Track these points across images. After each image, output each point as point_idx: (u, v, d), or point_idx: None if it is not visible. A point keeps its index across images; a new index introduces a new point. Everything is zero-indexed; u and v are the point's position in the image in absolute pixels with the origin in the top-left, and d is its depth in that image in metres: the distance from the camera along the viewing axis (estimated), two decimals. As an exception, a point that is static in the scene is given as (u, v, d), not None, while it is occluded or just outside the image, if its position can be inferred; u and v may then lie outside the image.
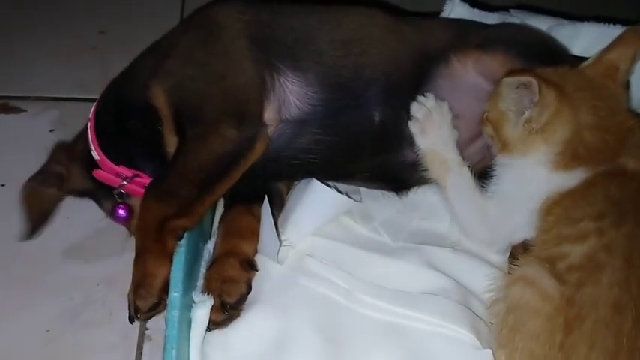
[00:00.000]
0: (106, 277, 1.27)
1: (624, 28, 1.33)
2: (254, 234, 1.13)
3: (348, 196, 1.16)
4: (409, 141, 1.14)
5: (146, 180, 1.17)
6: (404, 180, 1.21)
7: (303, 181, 1.19)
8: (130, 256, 1.10)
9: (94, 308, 1.23)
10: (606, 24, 1.39)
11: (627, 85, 1.13)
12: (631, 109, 1.11)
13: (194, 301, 1.03)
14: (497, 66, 1.13)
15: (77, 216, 1.32)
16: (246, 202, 1.18)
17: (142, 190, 1.14)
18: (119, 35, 1.78)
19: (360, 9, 1.22)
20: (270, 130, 1.11)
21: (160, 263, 1.03)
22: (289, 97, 1.12)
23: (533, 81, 0.98)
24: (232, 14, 1.18)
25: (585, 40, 1.37)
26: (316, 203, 1.14)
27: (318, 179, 1.16)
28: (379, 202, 1.24)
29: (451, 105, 1.15)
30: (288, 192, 1.23)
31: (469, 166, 1.11)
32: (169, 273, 1.02)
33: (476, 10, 1.43)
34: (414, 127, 1.13)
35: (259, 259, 1.12)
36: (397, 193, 1.23)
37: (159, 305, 1.03)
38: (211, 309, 1.02)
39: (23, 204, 1.21)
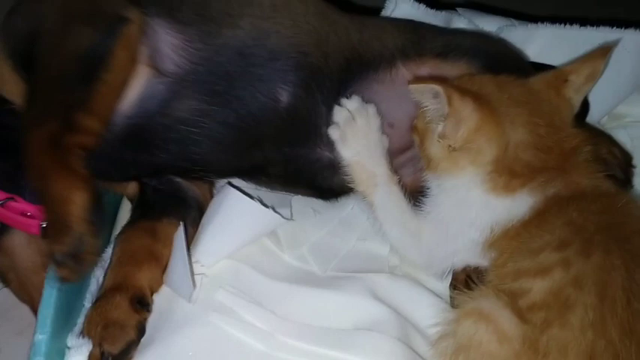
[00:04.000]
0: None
1: (582, 29, 1.26)
2: (154, 259, 0.96)
3: (274, 210, 0.99)
4: (326, 139, 1.00)
5: (23, 205, 0.99)
6: (322, 182, 1.06)
7: (221, 189, 1.02)
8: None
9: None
10: (562, 25, 1.27)
11: (585, 104, 1.03)
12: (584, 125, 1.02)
13: (67, 346, 0.85)
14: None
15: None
16: (151, 215, 1.00)
17: (19, 218, 0.97)
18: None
19: None
20: (141, 79, 0.95)
21: (72, 185, 0.84)
22: (161, 47, 0.95)
23: (440, 90, 0.86)
24: None
25: (539, 43, 1.26)
26: (235, 218, 0.97)
27: (218, 174, 1.00)
28: (309, 220, 1.08)
29: (387, 112, 1.01)
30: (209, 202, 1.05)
31: (400, 181, 0.97)
32: (90, 198, 0.84)
33: (422, 7, 1.29)
34: (334, 134, 0.98)
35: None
36: (325, 199, 1.08)
37: (85, 242, 0.83)
38: (89, 357, 0.85)
39: None
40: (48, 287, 0.86)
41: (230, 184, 1.02)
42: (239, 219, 0.97)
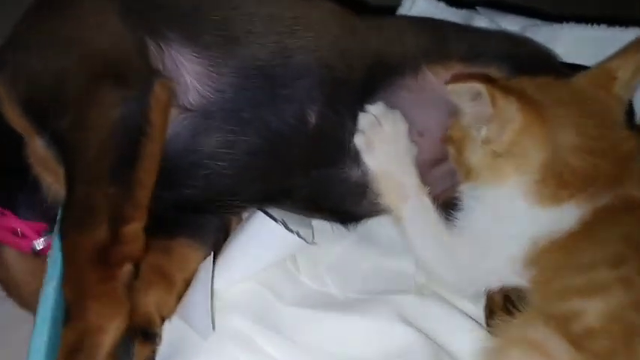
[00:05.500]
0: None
1: (609, 29, 1.18)
2: (165, 282, 0.88)
3: (298, 235, 0.91)
4: (353, 155, 0.93)
5: (14, 222, 0.92)
6: (350, 206, 0.98)
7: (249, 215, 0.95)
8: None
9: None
10: (588, 25, 1.20)
11: (630, 104, 0.95)
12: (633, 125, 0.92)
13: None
14: None
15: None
16: (165, 232, 0.92)
17: (8, 235, 0.91)
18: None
19: None
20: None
21: (111, 313, 0.75)
22: (186, 78, 0.87)
23: (482, 88, 0.79)
24: None
25: (564, 44, 1.18)
26: (258, 241, 0.89)
27: (243, 203, 0.93)
28: (327, 237, 1.00)
29: (415, 120, 0.94)
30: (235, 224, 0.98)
31: (431, 193, 0.90)
32: (124, 330, 0.76)
33: (441, 4, 1.22)
34: (359, 141, 0.92)
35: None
36: (345, 224, 1.00)
37: None
38: None
39: None
40: (40, 314, 0.79)
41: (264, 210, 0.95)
42: (261, 242, 0.89)
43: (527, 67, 0.96)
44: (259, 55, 0.89)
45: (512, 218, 0.82)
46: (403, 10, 1.24)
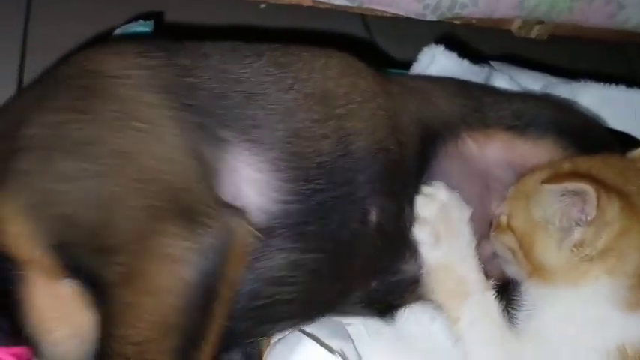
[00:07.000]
0: None
1: (629, 90, 1.11)
2: None
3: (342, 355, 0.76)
4: (413, 248, 0.79)
5: None
6: (394, 300, 0.83)
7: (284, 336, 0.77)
8: None
9: None
10: (606, 84, 1.12)
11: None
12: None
13: None
14: (541, 157, 0.83)
15: None
16: None
17: None
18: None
19: (330, 51, 0.82)
20: None
21: None
22: (245, 191, 0.69)
23: (591, 190, 0.69)
24: (128, 59, 0.71)
25: (583, 102, 1.08)
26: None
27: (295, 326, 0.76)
28: (362, 340, 0.83)
29: (462, 196, 0.81)
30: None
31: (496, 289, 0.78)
32: None
33: (465, 62, 1.08)
34: (422, 233, 0.79)
35: None
36: (381, 316, 0.85)
37: None
38: None
39: None
40: None
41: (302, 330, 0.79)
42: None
43: (582, 140, 0.86)
44: (323, 148, 0.73)
45: (596, 324, 0.72)
46: (420, 65, 1.10)
